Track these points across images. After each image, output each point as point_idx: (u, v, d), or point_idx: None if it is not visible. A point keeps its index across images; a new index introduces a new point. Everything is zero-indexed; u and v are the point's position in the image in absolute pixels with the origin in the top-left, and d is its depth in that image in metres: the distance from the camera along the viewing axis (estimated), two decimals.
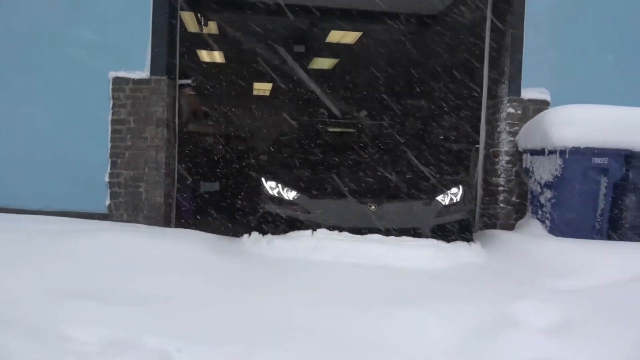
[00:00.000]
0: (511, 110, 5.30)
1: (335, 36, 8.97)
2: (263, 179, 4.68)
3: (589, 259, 3.74)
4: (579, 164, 4.52)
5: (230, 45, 9.56)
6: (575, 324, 2.60)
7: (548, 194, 4.76)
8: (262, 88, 14.66)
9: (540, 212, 4.87)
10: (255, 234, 4.41)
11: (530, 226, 4.91)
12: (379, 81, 9.47)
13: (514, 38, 5.33)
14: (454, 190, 4.54)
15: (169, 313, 2.59)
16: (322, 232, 4.08)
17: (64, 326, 2.37)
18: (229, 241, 4.47)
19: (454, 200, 4.48)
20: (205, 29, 8.51)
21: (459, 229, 4.37)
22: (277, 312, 2.68)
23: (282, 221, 4.40)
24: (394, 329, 2.47)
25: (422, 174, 4.88)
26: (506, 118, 5.32)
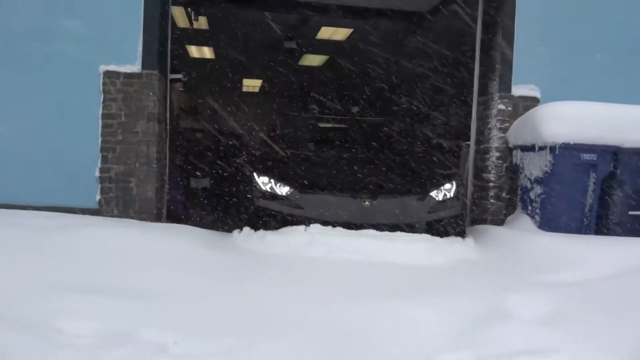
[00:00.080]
0: (502, 106, 5.35)
1: (326, 33, 8.96)
2: (255, 174, 4.65)
3: (578, 254, 3.80)
4: (569, 159, 4.58)
5: (220, 41, 9.51)
6: (566, 316, 2.65)
7: (538, 189, 4.82)
8: (252, 84, 14.61)
9: (530, 208, 4.93)
10: (246, 230, 4.39)
11: (520, 221, 4.97)
12: (370, 78, 9.49)
13: (505, 35, 5.37)
14: (447, 186, 4.56)
15: (165, 306, 2.58)
16: (316, 228, 4.07)
17: (59, 320, 2.36)
18: (220, 236, 4.46)
19: (448, 196, 4.50)
20: (195, 24, 8.45)
21: (452, 224, 4.39)
22: (272, 306, 2.68)
23: (275, 217, 4.39)
24: (389, 321, 2.49)
25: (415, 170, 4.90)
26: (497, 115, 5.37)
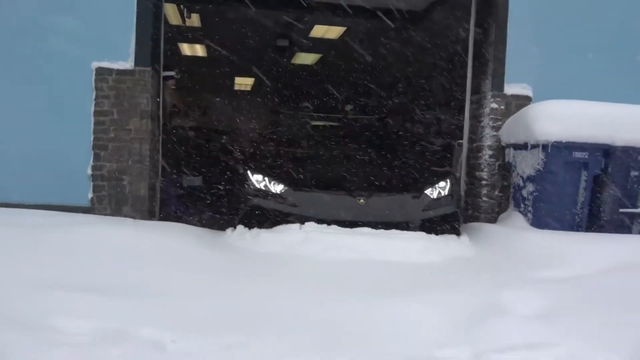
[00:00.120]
0: (494, 105, 5.38)
1: (319, 31, 8.95)
2: (249, 172, 4.64)
3: (571, 251, 3.85)
4: (561, 158, 4.62)
5: (212, 39, 9.46)
6: (560, 311, 2.69)
7: (530, 187, 4.85)
8: (244, 82, 14.55)
9: (522, 206, 4.97)
10: (240, 228, 4.39)
11: (513, 219, 5.00)
12: (363, 76, 9.50)
13: (498, 34, 5.40)
14: (441, 184, 4.57)
15: (162, 305, 2.57)
16: (311, 226, 4.06)
17: (55, 318, 2.33)
18: (214, 235, 4.44)
19: (442, 194, 4.51)
20: (187, 22, 8.40)
21: (447, 222, 4.40)
22: (270, 304, 2.68)
23: (269, 215, 4.38)
24: (387, 318, 2.51)
25: (410, 168, 4.91)
26: (490, 113, 5.40)
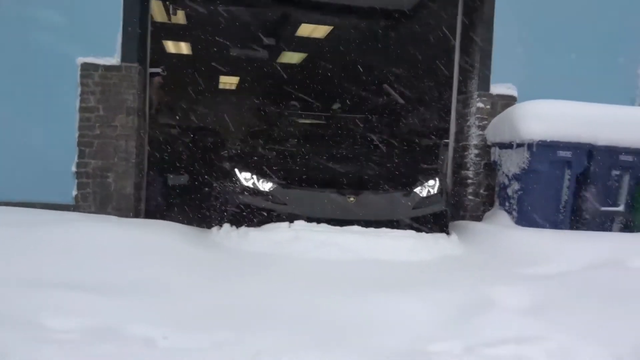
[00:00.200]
0: (480, 104, 5.44)
1: (306, 30, 8.95)
2: (237, 170, 4.60)
3: (555, 248, 3.93)
4: (545, 157, 4.69)
5: (198, 36, 9.39)
6: (548, 306, 2.73)
7: (515, 186, 4.92)
8: (230, 81, 14.46)
9: (507, 204, 5.04)
10: (226, 226, 4.35)
11: (498, 217, 5.06)
12: (350, 75, 9.52)
13: (484, 35, 5.46)
14: (430, 182, 4.58)
15: (152, 302, 2.54)
16: (300, 224, 4.04)
17: (42, 316, 2.29)
18: (200, 232, 4.41)
19: (431, 192, 4.52)
20: (173, 19, 8.33)
21: (436, 220, 4.42)
22: (262, 301, 2.67)
23: (258, 213, 4.35)
24: (380, 314, 2.52)
25: (399, 167, 4.93)
26: (476, 112, 5.46)
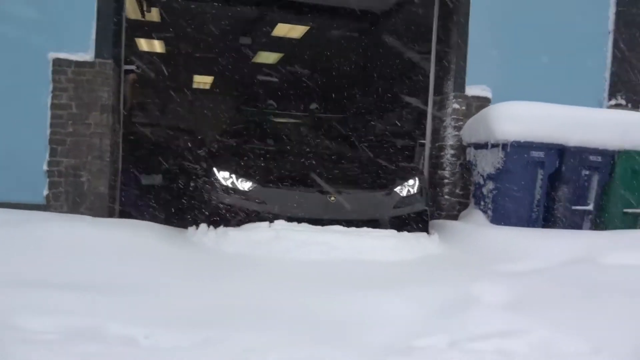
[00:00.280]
0: (456, 106, 5.53)
1: (282, 29, 8.93)
2: (215, 169, 4.53)
3: (530, 245, 4.03)
4: (519, 157, 4.79)
5: (172, 35, 9.26)
6: (527, 301, 2.80)
7: (490, 185, 5.02)
8: (204, 80, 14.29)
9: (482, 203, 5.13)
10: (203, 226, 4.29)
11: (474, 216, 5.15)
12: (326, 76, 9.55)
13: (460, 36, 5.55)
14: (410, 182, 4.61)
15: (132, 301, 2.48)
16: (281, 223, 4.01)
17: (18, 316, 2.21)
18: (176, 232, 4.33)
19: (411, 192, 4.55)
20: (147, 16, 8.18)
21: (417, 220, 4.44)
22: (245, 299, 2.64)
23: (236, 212, 4.30)
24: (364, 311, 2.53)
25: (378, 166, 4.94)
26: (452, 113, 5.55)
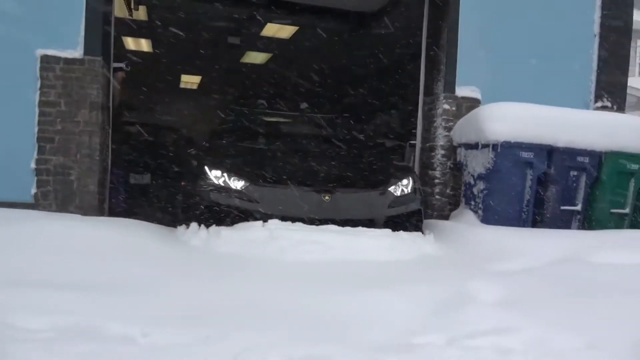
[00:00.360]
0: (447, 106, 5.58)
1: (271, 29, 8.90)
2: (207, 168, 4.48)
3: (521, 245, 4.08)
4: (509, 157, 4.85)
5: (160, 34, 9.16)
6: (521, 299, 2.83)
7: (480, 185, 5.07)
8: (192, 80, 14.17)
9: (473, 203, 5.18)
10: (194, 225, 4.25)
11: (464, 216, 5.20)
12: (317, 76, 9.54)
13: (450, 38, 5.61)
14: (404, 181, 4.60)
15: (129, 299, 2.44)
16: (275, 223, 3.98)
17: (13, 315, 2.16)
18: (169, 232, 4.29)
19: (405, 192, 4.54)
20: (134, 14, 8.07)
21: (411, 219, 4.44)
22: (244, 298, 2.62)
23: (229, 212, 4.26)
24: (362, 310, 2.52)
25: (372, 166, 4.94)
26: (442, 114, 5.59)
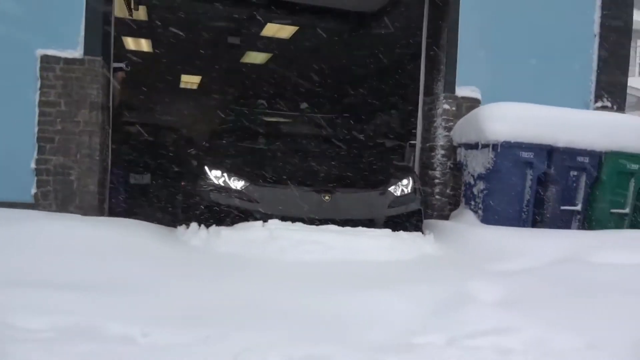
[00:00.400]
0: (447, 106, 5.58)
1: (271, 29, 8.90)
2: (207, 168, 4.47)
3: (522, 245, 4.08)
4: (509, 157, 4.85)
5: (160, 34, 9.16)
6: (521, 299, 2.82)
7: (480, 185, 5.07)
8: (192, 80, 14.17)
9: (473, 203, 5.18)
10: (194, 225, 4.24)
11: (464, 216, 5.20)
12: (318, 76, 9.54)
13: (450, 38, 5.60)
14: (404, 181, 4.60)
15: (129, 299, 2.44)
16: (275, 223, 3.97)
17: (13, 315, 2.16)
18: (170, 232, 4.29)
19: (405, 192, 4.54)
20: (134, 14, 8.07)
21: (411, 219, 4.43)
22: (244, 298, 2.62)
23: (229, 212, 4.25)
24: (363, 309, 2.52)
25: (372, 166, 4.94)
26: (442, 114, 5.59)
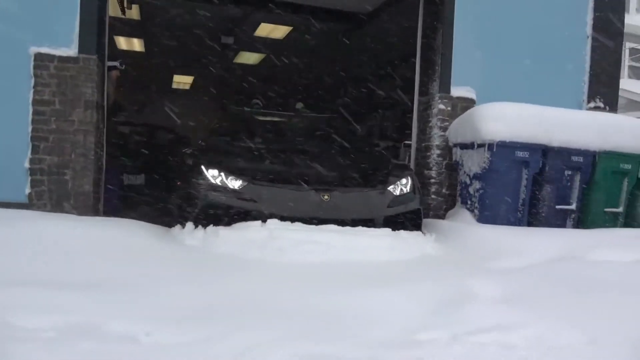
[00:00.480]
0: (442, 106, 5.60)
1: (265, 29, 8.88)
2: (203, 167, 4.44)
3: (520, 243, 4.12)
4: (505, 157, 4.88)
5: (152, 33, 9.11)
6: (521, 296, 2.85)
7: (476, 185, 5.09)
8: (185, 81, 14.08)
9: (469, 202, 5.20)
10: (190, 225, 4.21)
11: (461, 215, 5.22)
12: (313, 76, 9.55)
13: (445, 38, 5.63)
14: (403, 181, 4.61)
15: (131, 298, 2.42)
16: (274, 222, 3.96)
17: (12, 315, 2.12)
18: (166, 232, 4.26)
19: (404, 191, 4.54)
20: (127, 13, 8.02)
21: (411, 218, 4.44)
22: (246, 297, 2.61)
23: (226, 212, 4.22)
24: (366, 307, 2.52)
25: (372, 165, 4.94)
26: (437, 114, 5.61)
